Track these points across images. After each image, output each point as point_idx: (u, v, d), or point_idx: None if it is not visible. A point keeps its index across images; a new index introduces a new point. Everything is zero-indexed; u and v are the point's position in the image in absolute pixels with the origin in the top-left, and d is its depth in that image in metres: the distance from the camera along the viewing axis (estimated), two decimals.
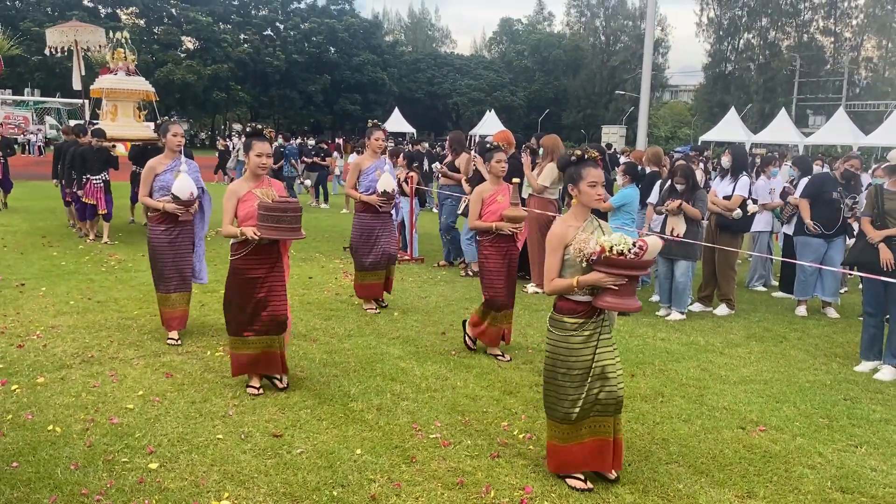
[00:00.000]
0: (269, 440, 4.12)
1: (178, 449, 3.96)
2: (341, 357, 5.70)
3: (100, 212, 10.83)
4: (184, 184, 5.82)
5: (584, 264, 3.51)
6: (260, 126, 4.81)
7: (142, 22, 54.54)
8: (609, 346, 3.64)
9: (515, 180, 5.84)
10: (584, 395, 3.56)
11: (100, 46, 15.38)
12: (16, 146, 27.13)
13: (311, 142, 22.33)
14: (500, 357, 5.82)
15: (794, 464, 4.05)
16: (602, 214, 7.75)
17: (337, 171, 20.46)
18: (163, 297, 6.00)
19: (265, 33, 58.22)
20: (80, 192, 10.81)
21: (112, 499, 3.42)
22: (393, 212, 7.45)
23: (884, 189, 5.97)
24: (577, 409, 3.57)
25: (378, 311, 7.19)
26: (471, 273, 9.21)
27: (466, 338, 6.05)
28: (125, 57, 12.28)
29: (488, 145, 6.10)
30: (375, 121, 7.41)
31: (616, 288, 3.44)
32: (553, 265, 3.62)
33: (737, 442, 4.33)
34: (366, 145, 7.29)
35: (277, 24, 59.65)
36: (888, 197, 5.87)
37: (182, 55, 53.36)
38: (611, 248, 3.35)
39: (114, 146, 11.49)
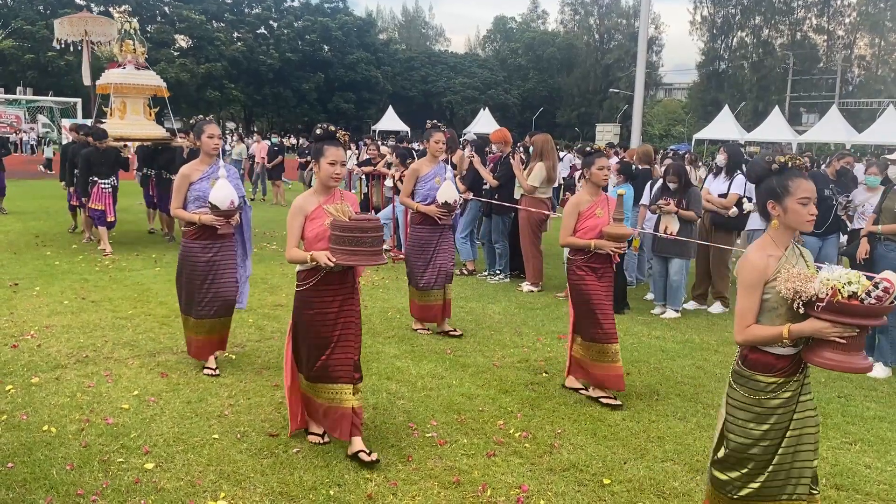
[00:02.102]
0: (266, 439, 4.11)
1: (173, 449, 3.96)
2: None
3: (109, 219, 10.01)
4: (223, 191, 5.02)
5: (799, 309, 2.67)
6: (333, 127, 3.96)
7: (134, 20, 54.29)
8: (810, 408, 2.83)
9: (621, 191, 5.18)
10: (771, 470, 2.81)
11: (111, 40, 14.11)
12: (10, 145, 27.00)
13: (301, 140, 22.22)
14: (613, 402, 4.85)
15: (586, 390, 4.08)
16: None
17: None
18: (197, 322, 5.17)
19: (259, 31, 58.12)
20: (85, 199, 10.07)
21: (108, 499, 3.42)
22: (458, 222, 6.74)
23: (893, 187, 6.04)
24: (757, 484, 2.83)
25: (429, 331, 6.47)
26: (465, 272, 9.21)
27: (584, 391, 5.05)
28: (134, 49, 11.31)
29: (588, 148, 5.23)
30: (435, 121, 6.62)
31: (843, 341, 2.62)
32: (750, 307, 2.76)
33: None
34: (424, 149, 6.61)
35: (271, 22, 59.55)
36: (890, 195, 5.94)
37: (175, 53, 53.17)
38: (843, 289, 2.55)
39: (125, 146, 10.78)
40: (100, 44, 14.93)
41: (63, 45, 15.01)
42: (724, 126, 38.86)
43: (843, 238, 8.23)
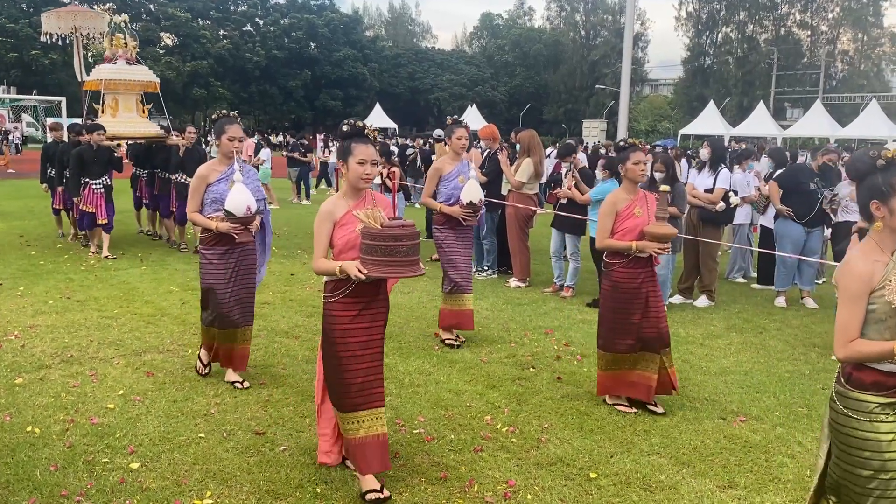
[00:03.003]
0: (252, 438, 4.10)
1: (159, 448, 3.94)
2: None
3: (99, 221, 9.40)
4: (239, 196, 4.66)
5: None
6: (360, 123, 3.56)
7: (124, 14, 53.94)
8: None
9: (664, 188, 4.77)
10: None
11: (101, 35, 13.45)
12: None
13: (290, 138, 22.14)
14: (653, 410, 4.65)
15: (774, 453, 4.10)
16: (581, 209, 7.80)
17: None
18: (221, 333, 4.89)
19: (244, 29, 57.84)
20: (76, 199, 9.40)
21: (92, 499, 3.39)
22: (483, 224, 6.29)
23: None
24: None
25: (458, 342, 6.05)
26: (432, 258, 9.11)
27: (621, 406, 4.72)
28: (125, 44, 10.69)
29: (622, 143, 4.92)
30: (455, 116, 6.28)
31: None
32: (853, 320, 2.48)
33: (717, 432, 4.38)
34: (446, 145, 6.19)
35: (257, 19, 59.31)
36: None
37: (161, 51, 52.85)
38: None
39: (119, 145, 10.23)
40: (90, 38, 14.17)
41: (51, 40, 14.30)
42: (709, 121, 39.09)
43: (828, 231, 8.30)
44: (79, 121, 13.43)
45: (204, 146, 20.71)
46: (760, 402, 4.94)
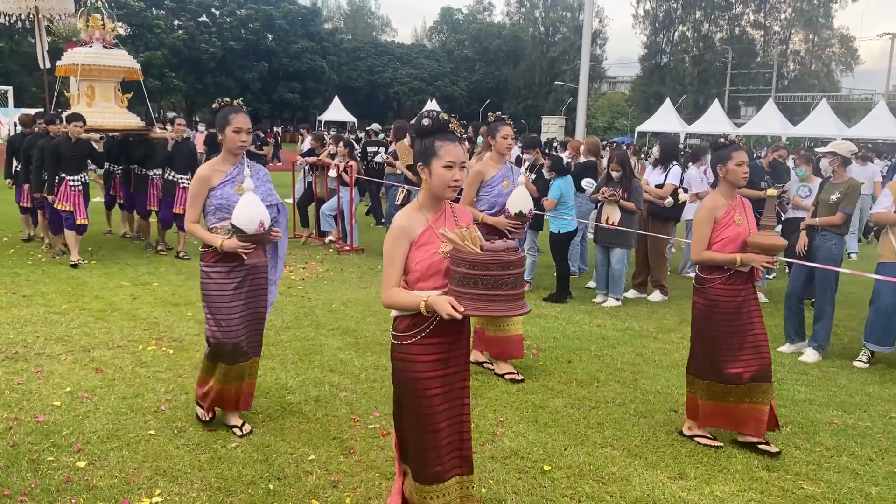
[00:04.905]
0: (204, 434, 4.03)
1: (107, 446, 3.85)
2: (279, 349, 5.61)
3: (79, 222, 8.42)
4: (249, 210, 3.77)
5: None
6: (443, 115, 2.82)
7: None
8: None
9: (771, 192, 4.26)
10: None
11: (61, 16, 12.33)
12: None
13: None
14: (765, 449, 4.07)
15: (722, 444, 4.18)
16: (538, 203, 7.83)
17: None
18: (224, 368, 4.00)
19: (200, 19, 56.72)
20: (51, 198, 8.40)
21: (37, 499, 3.30)
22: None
23: (829, 181, 6.23)
24: None
25: (492, 365, 5.37)
26: None
27: (708, 438, 4.20)
28: (102, 25, 9.65)
29: (721, 140, 4.19)
30: (499, 112, 5.52)
31: None
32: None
33: (669, 424, 4.45)
34: (490, 145, 5.43)
35: (213, 10, 58.20)
36: (826, 188, 6.13)
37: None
38: None
39: (102, 138, 9.32)
40: (53, 21, 12.71)
41: (9, 21, 12.73)
42: (665, 119, 39.64)
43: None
44: (33, 111, 12.26)
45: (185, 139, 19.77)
46: None
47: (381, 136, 15.83)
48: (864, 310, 6.12)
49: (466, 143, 8.99)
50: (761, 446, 4.07)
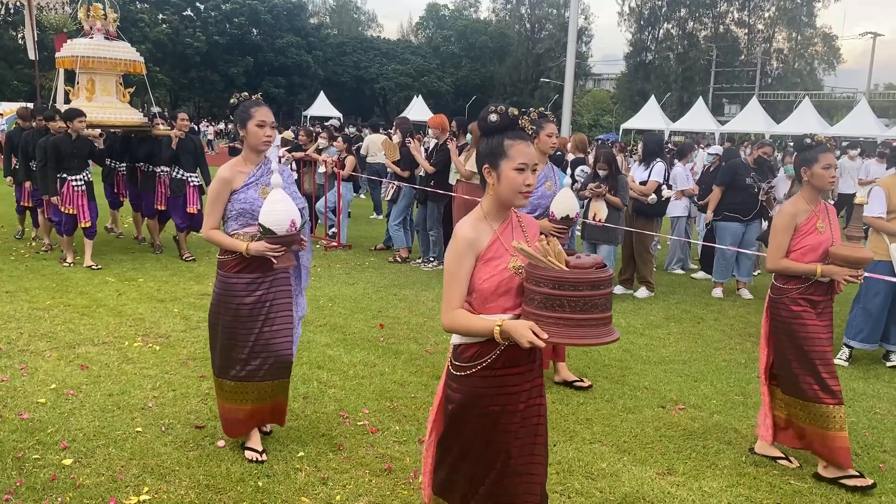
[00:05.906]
0: (192, 432, 4.01)
1: (94, 443, 3.81)
2: None
3: (82, 224, 7.99)
4: (279, 207, 3.43)
5: None
6: (513, 110, 2.42)
7: None
8: None
9: (860, 199, 3.84)
10: None
11: (58, 4, 11.85)
12: None
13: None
14: (860, 485, 3.66)
15: (711, 440, 4.21)
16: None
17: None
18: (238, 386, 3.66)
19: (184, 13, 56.33)
20: (55, 199, 7.95)
21: (22, 497, 3.27)
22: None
23: None
24: None
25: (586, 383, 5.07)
26: (399, 259, 9.18)
27: (783, 460, 3.96)
28: (104, 15, 9.22)
29: (807, 141, 3.85)
30: (542, 108, 5.37)
31: None
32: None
33: (657, 420, 4.47)
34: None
35: (197, 3, 57.78)
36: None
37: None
38: None
39: (102, 135, 8.97)
40: (43, 10, 12.18)
41: (2, 10, 12.35)
42: (650, 116, 39.78)
43: (765, 224, 8.56)
44: (30, 105, 11.62)
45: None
46: (698, 390, 5.06)
47: (366, 130, 15.81)
48: (845, 307, 6.17)
49: (454, 139, 8.96)
50: (847, 482, 3.68)
